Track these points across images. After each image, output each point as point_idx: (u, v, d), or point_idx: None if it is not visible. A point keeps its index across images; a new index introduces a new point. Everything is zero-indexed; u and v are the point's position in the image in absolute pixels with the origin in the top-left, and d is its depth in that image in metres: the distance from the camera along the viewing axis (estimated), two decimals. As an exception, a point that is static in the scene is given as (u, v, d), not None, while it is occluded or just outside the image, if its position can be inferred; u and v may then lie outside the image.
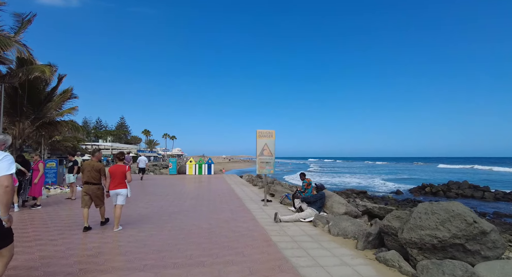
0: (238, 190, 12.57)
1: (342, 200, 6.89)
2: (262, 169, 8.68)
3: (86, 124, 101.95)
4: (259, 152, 8.71)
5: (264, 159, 8.72)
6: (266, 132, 8.80)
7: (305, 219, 6.51)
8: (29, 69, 11.58)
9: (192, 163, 24.24)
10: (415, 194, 25.99)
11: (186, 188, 13.28)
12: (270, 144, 8.80)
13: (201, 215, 7.17)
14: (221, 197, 10.41)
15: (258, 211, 7.81)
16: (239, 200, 9.78)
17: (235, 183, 16.23)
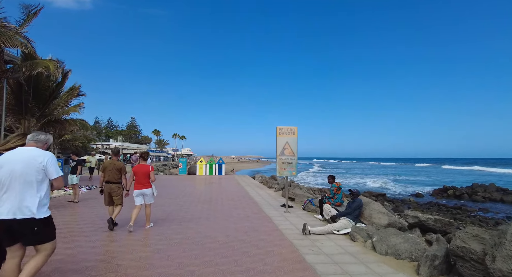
0: (253, 193, 11.60)
1: (382, 208, 5.82)
2: (283, 171, 7.68)
3: (98, 124, 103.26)
4: (279, 151, 7.72)
5: (285, 159, 7.72)
6: (288, 129, 7.80)
7: (339, 231, 5.48)
8: (32, 64, 10.95)
9: (203, 163, 23.44)
10: (437, 197, 24.48)
11: (197, 190, 12.41)
12: (292, 142, 7.79)
13: (215, 223, 6.24)
14: (236, 201, 9.47)
15: (280, 219, 6.82)
16: (256, 204, 8.81)
17: (248, 184, 15.28)
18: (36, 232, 2.49)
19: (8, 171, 2.47)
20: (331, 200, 6.95)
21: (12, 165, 2.49)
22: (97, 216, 6.78)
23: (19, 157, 2.53)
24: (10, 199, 2.44)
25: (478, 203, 21.24)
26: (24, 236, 2.48)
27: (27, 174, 2.49)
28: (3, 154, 2.58)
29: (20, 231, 2.46)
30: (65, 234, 5.22)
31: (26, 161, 2.51)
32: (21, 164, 2.49)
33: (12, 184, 2.46)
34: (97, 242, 4.80)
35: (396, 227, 5.33)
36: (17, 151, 2.59)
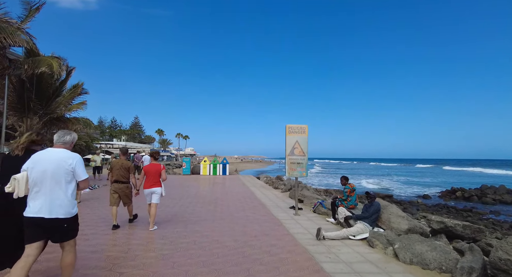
0: (259, 194, 11.26)
1: (400, 211, 5.45)
2: (292, 171, 7.33)
3: (101, 123, 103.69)
4: (288, 150, 7.37)
5: (295, 159, 7.36)
6: (297, 127, 7.44)
7: (355, 237, 5.12)
8: (35, 62, 10.71)
9: (207, 162, 23.15)
10: (445, 199, 23.96)
11: (202, 190, 12.09)
12: (302, 141, 7.43)
13: (222, 226, 5.90)
14: (242, 202, 9.13)
15: (290, 222, 6.47)
16: (263, 206, 8.46)
17: (253, 185, 14.94)
18: (66, 229, 2.61)
19: (40, 171, 2.55)
20: (344, 203, 6.58)
21: (43, 166, 2.57)
22: (99, 217, 6.48)
23: (50, 158, 2.61)
24: (41, 198, 2.53)
25: (488, 205, 20.70)
26: (54, 233, 2.60)
27: (57, 175, 2.58)
28: (34, 155, 2.65)
29: (50, 229, 2.56)
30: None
31: (57, 162, 2.59)
32: (52, 165, 2.57)
33: (43, 184, 2.55)
34: (98, 246, 4.49)
35: (417, 232, 4.95)
36: (48, 152, 2.66)
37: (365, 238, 5.06)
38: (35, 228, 2.52)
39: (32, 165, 2.58)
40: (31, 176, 2.56)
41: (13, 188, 2.54)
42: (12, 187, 2.54)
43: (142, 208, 7.14)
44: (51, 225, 2.54)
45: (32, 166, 2.58)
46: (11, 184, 2.54)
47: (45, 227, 2.54)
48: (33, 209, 2.51)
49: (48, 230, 2.56)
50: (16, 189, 2.53)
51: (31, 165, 2.59)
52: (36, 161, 2.60)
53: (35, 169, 2.57)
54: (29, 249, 2.52)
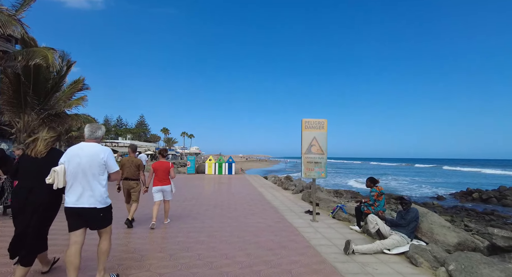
0: (269, 196, 10.42)
1: (443, 220, 4.55)
2: (309, 172, 6.47)
3: (107, 122, 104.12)
4: (305, 148, 6.51)
5: (313, 157, 6.50)
6: (315, 122, 6.58)
7: (390, 250, 4.26)
8: (29, 53, 10.03)
9: (212, 161, 22.40)
10: (461, 200, 22.83)
11: (207, 191, 11.31)
12: (321, 137, 6.57)
13: (231, 235, 5.08)
14: (251, 205, 8.30)
15: (309, 230, 5.61)
16: (275, 210, 7.62)
17: (261, 185, 14.11)
18: (102, 218, 2.81)
19: (76, 165, 2.72)
20: (371, 208, 5.71)
21: (79, 159, 2.73)
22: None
23: (84, 152, 2.77)
24: (78, 189, 2.71)
25: (509, 208, 19.56)
26: (92, 222, 2.80)
27: (91, 168, 2.74)
28: (70, 149, 2.82)
29: (88, 218, 2.75)
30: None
31: (91, 156, 2.76)
32: (87, 159, 2.74)
33: (79, 176, 2.72)
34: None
35: (469, 247, 4.06)
36: (82, 146, 2.83)
37: (403, 252, 4.19)
38: (75, 217, 2.73)
39: (68, 159, 2.75)
40: (68, 169, 2.72)
41: (53, 179, 2.68)
42: (52, 178, 2.68)
43: (145, 207, 6.37)
44: (89, 214, 2.73)
45: (69, 159, 2.74)
46: (51, 176, 2.69)
47: (84, 216, 2.73)
48: (72, 200, 2.70)
49: (86, 218, 2.75)
50: (55, 180, 2.68)
51: (68, 159, 2.75)
52: (72, 155, 2.76)
53: (71, 162, 2.73)
54: (73, 236, 2.74)
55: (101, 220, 2.83)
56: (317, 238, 5.02)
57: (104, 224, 2.87)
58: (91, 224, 2.81)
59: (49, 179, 2.70)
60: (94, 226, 2.84)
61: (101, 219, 2.83)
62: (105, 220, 2.87)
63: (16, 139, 12.86)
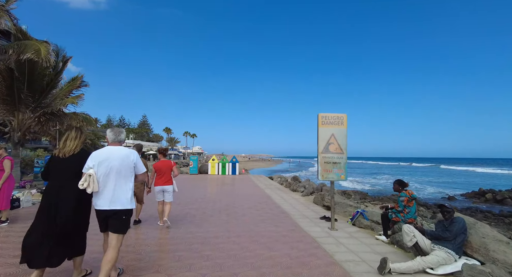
0: (277, 198, 9.69)
1: (499, 234, 3.79)
2: (327, 173, 5.72)
3: (110, 122, 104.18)
4: (322, 146, 5.76)
5: (331, 157, 5.75)
6: (333, 117, 5.83)
7: (434, 270, 3.51)
8: (20, 46, 9.38)
9: (215, 161, 21.71)
10: (474, 201, 21.95)
11: (211, 193, 10.60)
12: (340, 134, 5.82)
13: (240, 248, 4.35)
14: (259, 209, 7.57)
15: (329, 241, 4.87)
16: (287, 215, 6.89)
17: (267, 186, 13.37)
18: (124, 221, 2.83)
19: (107, 167, 2.78)
20: (399, 215, 4.96)
21: (109, 163, 2.80)
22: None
23: (114, 155, 2.84)
24: (108, 192, 2.77)
25: (526, 209, 18.65)
26: (113, 222, 2.80)
27: (121, 170, 2.83)
28: (96, 153, 2.85)
29: (112, 219, 2.79)
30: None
31: (121, 159, 2.84)
32: (117, 161, 2.81)
33: (109, 179, 2.79)
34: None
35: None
36: (112, 149, 2.89)
37: (452, 273, 3.44)
38: (105, 219, 2.81)
39: (98, 162, 2.77)
40: (98, 173, 2.76)
41: (88, 184, 2.68)
42: (87, 182, 2.67)
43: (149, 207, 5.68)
44: (115, 215, 2.78)
45: (99, 163, 2.77)
46: (86, 180, 2.68)
47: (109, 217, 2.79)
48: (103, 203, 2.76)
49: (111, 219, 2.79)
50: (91, 184, 2.69)
51: (97, 162, 2.77)
52: (101, 159, 2.79)
53: (101, 166, 2.77)
54: (105, 236, 2.94)
55: (122, 223, 2.82)
56: (341, 252, 4.28)
57: (122, 228, 2.83)
58: (112, 224, 2.81)
59: (83, 184, 2.69)
60: (113, 228, 2.81)
61: (123, 222, 2.82)
62: (125, 224, 2.85)
63: (10, 138, 12.25)
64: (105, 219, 2.82)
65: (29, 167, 16.99)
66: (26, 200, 7.26)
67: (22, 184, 11.07)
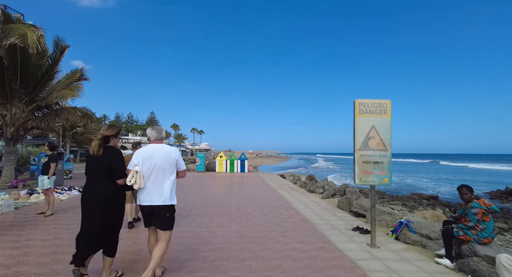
0: (295, 201, 8.51)
1: None
2: (367, 176, 4.50)
3: (118, 119, 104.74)
4: (360, 142, 4.54)
5: (371, 155, 4.53)
6: (374, 104, 4.59)
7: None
8: (5, 30, 8.39)
9: (223, 158, 20.64)
10: (502, 200, 20.36)
11: (218, 194, 9.50)
12: (383, 126, 4.58)
13: (261, 275, 3.21)
14: (277, 216, 6.41)
15: (374, 265, 3.67)
16: (310, 225, 5.71)
17: (280, 186, 12.21)
18: (168, 218, 2.92)
19: (151, 165, 2.87)
20: (471, 233, 3.74)
21: (153, 160, 2.88)
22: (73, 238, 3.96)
23: (158, 152, 2.92)
24: (151, 188, 2.86)
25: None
26: (158, 220, 2.89)
27: (165, 167, 2.91)
28: (140, 151, 2.95)
29: (157, 215, 2.88)
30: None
31: (164, 156, 2.92)
32: (160, 159, 2.90)
33: (152, 176, 2.87)
34: None
35: None
36: (155, 147, 2.97)
37: None
38: (148, 215, 2.91)
39: (142, 160, 2.87)
40: (142, 169, 2.86)
41: (135, 180, 2.78)
42: (134, 179, 2.78)
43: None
44: (158, 212, 2.86)
45: (143, 160, 2.87)
46: (133, 177, 2.78)
47: (153, 214, 2.87)
48: (147, 198, 2.86)
49: (155, 216, 2.88)
50: (138, 181, 2.78)
51: (142, 160, 2.87)
52: (146, 156, 2.88)
53: (146, 163, 2.87)
54: (150, 230, 3.05)
55: (166, 220, 2.90)
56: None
57: (169, 225, 2.92)
58: (157, 222, 2.90)
59: (130, 180, 2.77)
60: (159, 225, 2.90)
61: (167, 219, 2.91)
62: (170, 221, 2.94)
63: (3, 134, 11.37)
64: (149, 214, 2.90)
65: (29, 164, 16.24)
66: (7, 205, 6.28)
67: (14, 183, 10.20)
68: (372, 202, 4.59)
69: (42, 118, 12.59)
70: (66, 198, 8.16)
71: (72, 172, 14.08)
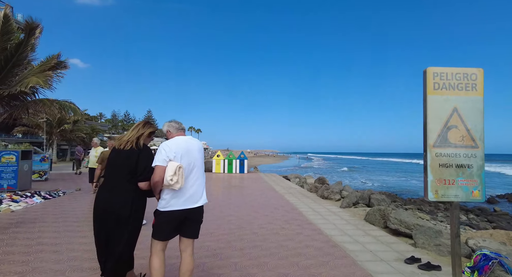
0: (310, 212, 6.85)
1: None
2: (445, 187, 2.84)
3: (115, 117, 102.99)
4: (434, 134, 2.87)
5: (452, 155, 2.87)
6: (458, 75, 2.91)
7: None
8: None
9: (220, 157, 18.98)
10: (520, 205, 18.87)
11: (214, 202, 7.82)
12: (470, 109, 2.92)
13: None
14: (293, 238, 4.75)
15: None
16: (343, 254, 4.05)
17: (287, 190, 10.55)
18: (201, 220, 2.50)
19: (191, 160, 2.43)
20: None
21: (191, 154, 2.45)
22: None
23: (193, 146, 2.51)
24: (190, 189, 2.40)
25: None
26: (192, 226, 2.44)
27: (200, 162, 2.53)
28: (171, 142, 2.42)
29: (190, 221, 2.41)
30: None
31: (198, 150, 2.55)
32: (196, 153, 2.51)
33: (193, 173, 2.44)
34: None
35: None
36: (188, 140, 2.53)
37: None
38: (176, 223, 2.36)
39: (180, 154, 2.37)
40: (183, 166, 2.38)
41: (177, 179, 2.26)
42: (177, 177, 2.26)
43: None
44: (195, 217, 2.44)
45: (181, 154, 2.38)
46: (176, 174, 2.25)
47: (188, 219, 2.39)
48: (182, 202, 2.34)
49: (190, 222, 2.42)
50: (180, 179, 2.28)
51: (180, 154, 2.37)
52: (184, 150, 2.41)
53: (184, 158, 2.39)
54: (159, 245, 2.36)
55: (200, 225, 2.50)
56: None
57: (199, 230, 2.50)
58: (191, 229, 2.44)
59: (172, 178, 2.23)
60: (193, 232, 2.45)
61: (199, 224, 2.49)
62: (199, 227, 2.51)
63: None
64: (181, 222, 2.37)
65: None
66: None
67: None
68: (454, 230, 2.92)
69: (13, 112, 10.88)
70: (21, 208, 6.43)
71: (48, 173, 12.34)
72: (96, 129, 40.18)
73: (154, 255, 2.33)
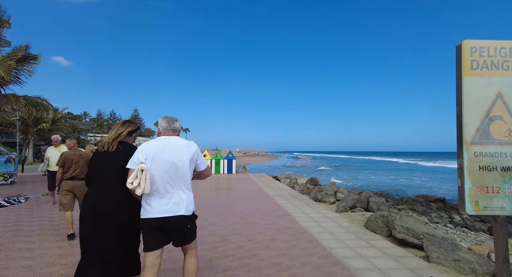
0: (303, 218, 6.16)
1: None
2: (488, 196, 2.18)
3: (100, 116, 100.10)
4: (472, 127, 2.22)
5: (496, 155, 2.23)
6: (502, 50, 2.28)
7: None
8: None
9: (207, 157, 18.11)
10: None
11: (199, 206, 6.99)
12: (518, 96, 2.28)
13: None
14: (288, 253, 4.04)
15: None
16: (344, 272, 3.37)
17: (278, 193, 9.85)
18: (189, 230, 2.25)
19: (164, 162, 2.16)
20: None
21: (168, 155, 2.18)
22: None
23: (173, 146, 2.21)
24: (164, 194, 2.15)
25: None
26: (177, 235, 2.22)
27: (183, 165, 2.21)
28: (148, 143, 2.23)
29: (174, 230, 2.18)
30: None
31: (180, 151, 2.22)
32: (177, 154, 2.19)
33: (166, 177, 2.18)
34: None
35: None
36: (168, 140, 2.25)
37: None
38: (158, 232, 2.14)
39: (151, 155, 2.14)
40: (152, 168, 2.13)
41: (139, 183, 2.03)
42: (138, 181, 2.02)
43: None
44: (176, 225, 2.15)
45: (152, 156, 2.14)
46: (137, 177, 2.04)
47: (169, 229, 2.15)
48: (156, 208, 2.11)
49: (172, 231, 2.17)
50: (142, 183, 2.04)
51: (151, 156, 2.14)
52: (156, 151, 2.16)
53: (156, 159, 2.14)
54: (150, 258, 2.12)
55: (188, 233, 2.22)
56: None
57: (191, 237, 2.26)
58: (176, 238, 2.22)
59: (132, 182, 2.03)
60: (179, 241, 2.23)
61: (189, 231, 2.22)
62: (192, 232, 2.26)
63: None
64: (158, 231, 2.12)
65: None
66: None
67: None
68: (502, 253, 2.24)
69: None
70: None
71: (15, 175, 11.20)
72: (78, 129, 38.36)
73: (145, 270, 2.11)
